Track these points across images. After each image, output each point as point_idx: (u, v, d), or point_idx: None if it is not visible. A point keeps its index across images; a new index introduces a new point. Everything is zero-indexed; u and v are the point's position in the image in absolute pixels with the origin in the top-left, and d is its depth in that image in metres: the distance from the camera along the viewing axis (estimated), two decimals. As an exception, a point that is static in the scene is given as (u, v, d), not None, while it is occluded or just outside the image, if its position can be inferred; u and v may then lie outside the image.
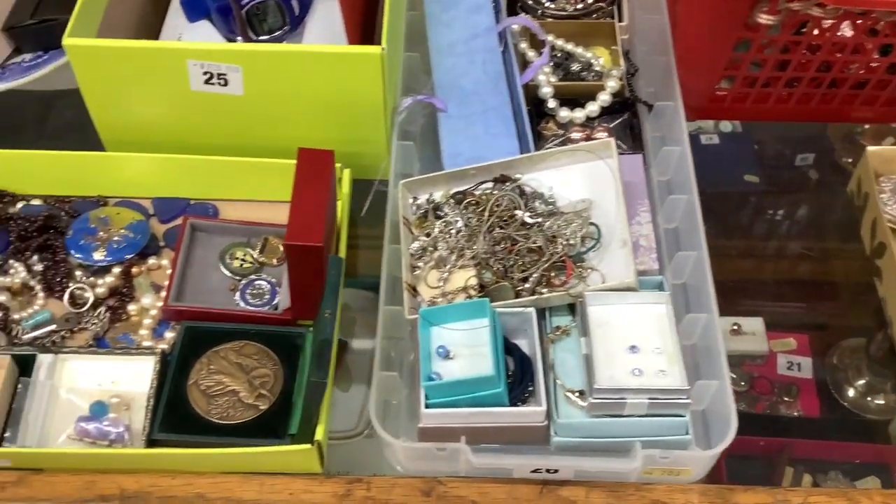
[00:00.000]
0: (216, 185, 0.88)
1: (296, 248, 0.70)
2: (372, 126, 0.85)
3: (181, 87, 0.81)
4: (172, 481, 0.70)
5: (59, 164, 0.85)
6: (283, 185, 0.86)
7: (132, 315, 0.80)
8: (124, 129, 0.86)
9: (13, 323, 0.77)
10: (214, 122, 0.85)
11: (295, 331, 0.78)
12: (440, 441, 0.70)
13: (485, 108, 0.88)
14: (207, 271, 0.83)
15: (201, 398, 0.74)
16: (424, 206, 0.82)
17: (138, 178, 0.87)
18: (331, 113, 0.83)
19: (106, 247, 0.81)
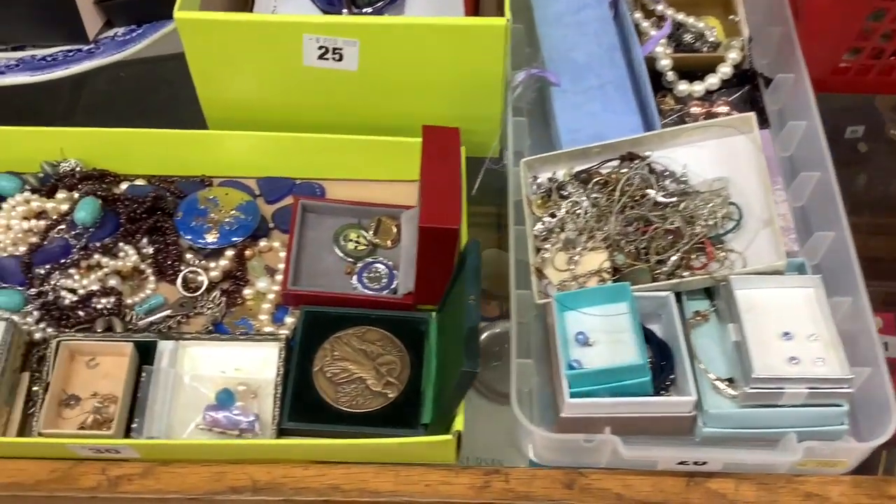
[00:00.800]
0: (322, 164, 0.85)
1: (432, 230, 0.67)
2: (488, 102, 0.81)
3: (293, 63, 0.78)
4: (305, 472, 0.68)
5: (162, 142, 0.82)
6: (392, 164, 0.84)
7: (247, 299, 0.77)
8: (230, 107, 0.82)
9: (126, 308, 0.76)
10: (324, 99, 0.81)
11: (417, 316, 0.75)
12: (579, 431, 0.67)
13: (601, 83, 0.84)
14: (321, 254, 0.80)
15: (328, 386, 0.72)
16: (546, 185, 0.79)
17: (243, 158, 0.84)
18: (446, 88, 0.80)
19: (218, 229, 0.78)
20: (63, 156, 0.83)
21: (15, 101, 0.93)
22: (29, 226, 0.77)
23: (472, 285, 0.65)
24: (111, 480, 0.68)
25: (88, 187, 0.79)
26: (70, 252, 0.75)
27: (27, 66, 0.85)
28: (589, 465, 0.69)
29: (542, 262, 0.75)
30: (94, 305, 0.74)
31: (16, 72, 0.84)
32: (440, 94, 0.81)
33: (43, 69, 0.85)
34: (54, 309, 0.73)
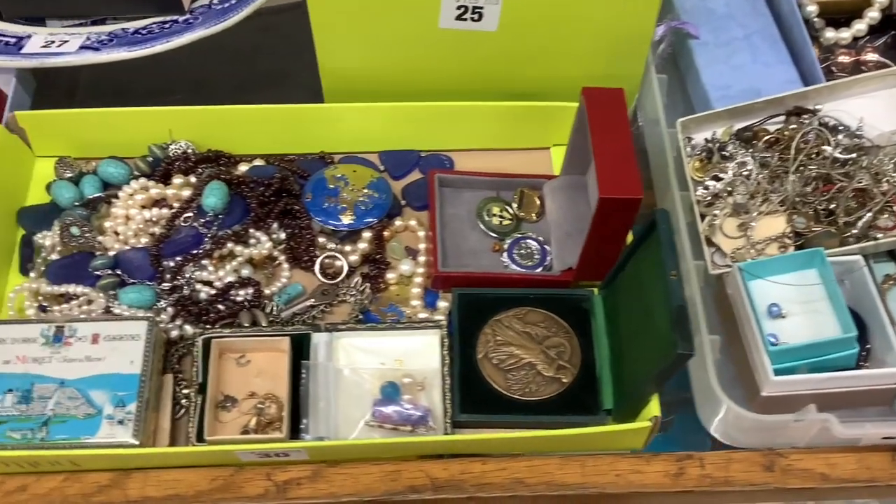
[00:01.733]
0: (449, 135, 0.79)
1: (613, 201, 0.62)
2: (633, 59, 0.75)
3: (427, 25, 0.71)
4: (484, 467, 0.64)
5: (278, 118, 0.76)
6: (523, 132, 0.78)
7: (390, 284, 0.72)
8: (351, 78, 0.76)
9: (265, 299, 0.70)
10: (455, 64, 0.75)
11: (579, 294, 0.70)
12: (780, 410, 0.63)
13: (746, 34, 0.79)
14: (463, 231, 0.74)
15: (496, 373, 0.67)
16: (702, 146, 0.74)
17: (364, 131, 0.78)
18: (589, 47, 0.74)
19: (353, 209, 0.73)
20: (172, 137, 0.77)
21: (98, 79, 0.87)
22: (151, 215, 0.71)
23: (670, 259, 0.60)
24: (279, 486, 0.63)
25: (208, 171, 0.73)
26: (202, 242, 0.69)
27: (122, 41, 0.78)
28: (781, 444, 0.65)
29: (711, 230, 0.71)
30: (232, 298, 0.68)
31: (111, 47, 0.77)
32: (581, 54, 0.75)
33: (140, 44, 0.77)
34: (191, 304, 0.67)
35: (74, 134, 0.76)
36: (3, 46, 0.78)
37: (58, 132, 0.76)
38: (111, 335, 0.63)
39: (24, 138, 0.76)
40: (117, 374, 0.62)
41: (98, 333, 0.63)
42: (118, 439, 0.60)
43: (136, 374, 0.62)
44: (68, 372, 0.62)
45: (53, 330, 0.63)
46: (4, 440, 0.60)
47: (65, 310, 0.67)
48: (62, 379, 0.61)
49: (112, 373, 0.62)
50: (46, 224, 0.73)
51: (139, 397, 0.61)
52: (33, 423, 0.60)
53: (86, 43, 0.78)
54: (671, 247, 0.60)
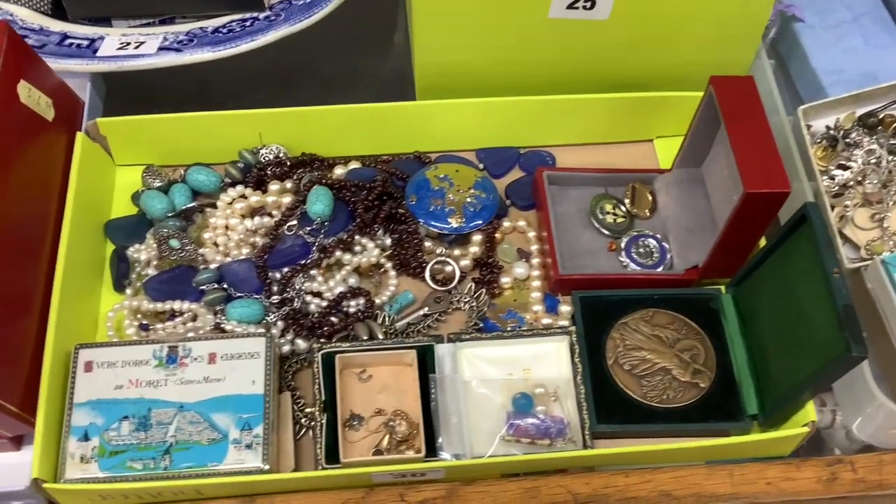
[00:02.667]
0: (548, 130, 0.75)
1: (759, 196, 0.58)
2: (745, 45, 0.72)
3: (536, 15, 0.68)
4: (627, 480, 0.60)
5: (372, 118, 0.72)
6: (626, 125, 0.74)
7: (505, 288, 0.68)
8: (447, 73, 0.72)
9: (377, 309, 0.66)
10: (559, 54, 0.71)
11: (706, 293, 0.66)
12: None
13: (855, 15, 0.76)
14: (576, 230, 0.71)
15: (629, 379, 0.63)
16: (823, 133, 0.71)
17: (461, 128, 0.74)
18: (701, 33, 0.70)
19: (461, 211, 0.69)
20: (262, 141, 0.74)
21: (163, 83, 0.82)
22: (252, 224, 0.67)
23: (829, 255, 0.57)
24: (417, 508, 0.60)
25: (307, 176, 0.69)
26: (309, 251, 0.66)
27: (203, 41, 0.74)
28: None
29: (842, 222, 0.68)
30: (344, 309, 0.65)
31: (193, 48, 0.73)
32: (692, 41, 0.71)
33: (223, 43, 0.73)
34: (301, 317, 0.64)
35: (157, 141, 0.72)
36: (75, 50, 0.74)
37: (140, 139, 0.72)
38: (229, 354, 0.59)
39: (105, 147, 0.72)
40: (239, 395, 0.58)
41: (214, 352, 0.59)
42: (247, 465, 0.56)
43: (259, 394, 0.58)
44: (187, 395, 0.58)
45: (166, 350, 0.59)
46: (125, 471, 0.56)
47: (168, 328, 0.64)
48: (181, 402, 0.58)
49: (234, 394, 0.58)
50: (137, 237, 0.69)
51: (265, 419, 0.57)
52: (154, 452, 0.56)
53: (165, 44, 0.74)
54: (828, 242, 0.57)
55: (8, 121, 0.62)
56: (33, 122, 0.66)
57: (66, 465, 0.56)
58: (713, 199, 0.69)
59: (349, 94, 0.82)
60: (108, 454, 0.56)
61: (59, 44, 0.74)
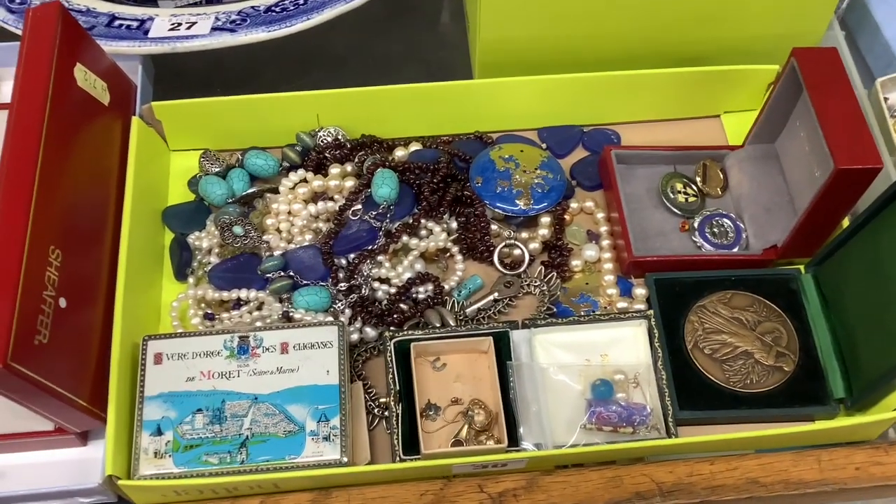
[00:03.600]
0: (610, 107, 0.73)
1: (851, 172, 0.56)
2: (816, 17, 0.69)
3: (606, -13, 0.66)
4: (713, 467, 0.58)
5: (432, 98, 0.70)
6: (693, 100, 0.72)
7: (576, 272, 0.67)
8: (508, 49, 0.70)
9: (445, 294, 0.65)
10: (624, 29, 0.69)
11: (785, 273, 0.64)
12: None
13: (930, -18, 0.74)
14: (646, 210, 0.69)
15: (711, 364, 0.62)
16: (900, 107, 0.69)
17: (521, 107, 0.72)
18: (772, 3, 0.68)
19: (529, 193, 0.67)
20: (319, 124, 0.72)
21: (205, 65, 0.79)
22: (316, 210, 0.66)
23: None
24: (494, 499, 0.57)
25: (370, 159, 0.68)
26: (376, 236, 0.64)
27: (257, 21, 0.72)
28: None
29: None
30: (414, 296, 0.64)
31: (247, 28, 0.71)
32: (763, 13, 0.68)
33: (277, 22, 0.71)
34: (371, 304, 0.62)
35: (212, 125, 0.70)
36: (126, 31, 0.72)
37: (195, 124, 0.70)
38: (301, 343, 0.58)
39: (160, 131, 0.71)
40: (314, 385, 0.56)
41: (286, 342, 0.58)
42: (326, 457, 0.54)
43: (334, 384, 0.56)
44: (260, 386, 0.56)
45: (237, 340, 0.58)
46: (201, 465, 0.54)
47: (234, 317, 0.62)
48: (255, 394, 0.56)
49: (309, 384, 0.56)
50: (196, 224, 0.67)
51: (341, 410, 0.56)
52: (230, 446, 0.55)
53: (217, 24, 0.72)
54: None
55: (67, 106, 0.60)
56: (90, 106, 0.64)
57: (140, 461, 0.55)
58: (790, 177, 0.66)
59: (399, 75, 0.80)
60: (182, 448, 0.55)
61: (109, 25, 0.72)
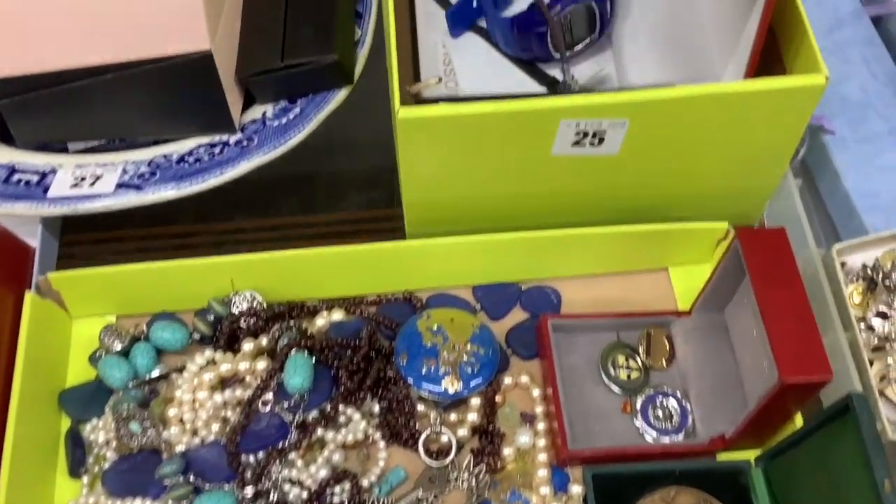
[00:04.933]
0: (552, 263, 0.68)
1: (798, 386, 0.52)
2: (771, 170, 0.65)
3: (536, 153, 0.60)
4: None
5: (359, 261, 0.64)
6: (642, 253, 0.67)
7: (507, 462, 0.61)
8: (438, 207, 0.65)
9: (364, 492, 0.60)
10: (563, 187, 0.64)
11: (734, 466, 0.59)
12: None
13: (891, 127, 0.68)
14: (584, 386, 0.63)
15: (652, 576, 0.57)
16: (859, 271, 0.64)
17: (456, 265, 0.67)
18: (722, 163, 0.63)
19: (457, 372, 0.62)
20: (234, 288, 0.67)
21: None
22: (223, 398, 0.60)
23: (879, 461, 0.50)
24: None
25: (285, 336, 0.62)
26: (288, 431, 0.58)
27: (167, 175, 0.66)
28: None
29: (883, 383, 0.61)
30: (329, 500, 0.58)
31: (155, 184, 0.65)
32: (713, 171, 0.64)
33: (189, 177, 0.66)
34: (282, 511, 0.57)
35: (118, 291, 0.65)
36: (24, 189, 0.66)
37: (98, 291, 0.65)
38: (197, 570, 0.53)
39: (59, 301, 0.65)
40: None
41: (181, 570, 0.53)
42: None
43: None
44: None
45: (126, 569, 0.53)
46: None
47: (132, 526, 0.57)
48: None
49: None
50: (96, 407, 0.61)
51: None
52: None
53: (124, 179, 0.66)
54: (876, 445, 0.50)
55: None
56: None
57: None
58: (740, 356, 0.61)
59: (337, 206, 0.75)
60: None
61: (6, 181, 0.66)
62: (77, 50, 0.62)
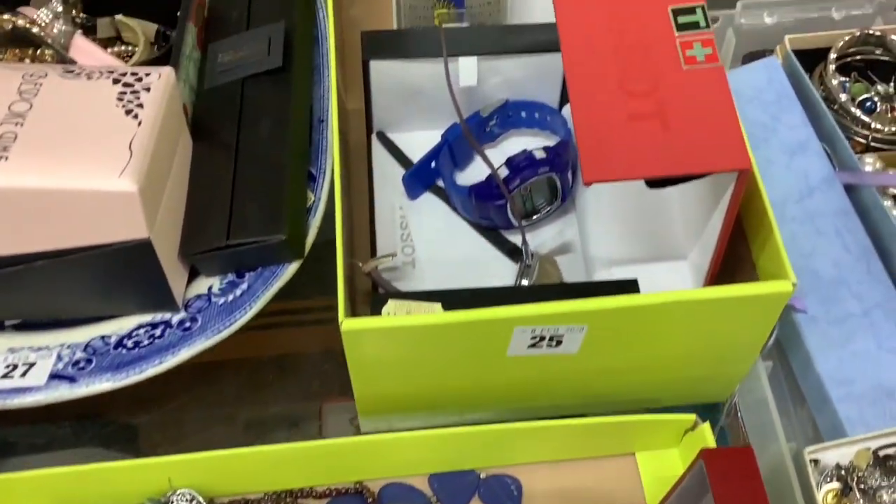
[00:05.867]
0: (512, 451, 0.65)
1: None
2: (737, 362, 0.62)
3: (490, 355, 0.57)
4: None
5: (304, 457, 0.61)
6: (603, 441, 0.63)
7: None
8: (391, 400, 0.62)
9: None
10: (521, 382, 0.62)
11: None
12: None
13: (865, 308, 0.65)
14: None
15: None
16: (832, 470, 0.61)
17: (412, 457, 0.64)
18: (688, 357, 0.61)
19: (409, 586, 0.59)
20: (171, 486, 0.63)
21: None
22: None
23: None
24: None
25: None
26: None
27: (103, 363, 0.61)
28: None
29: None
30: None
31: (90, 375, 0.61)
32: (679, 361, 0.61)
33: (126, 367, 0.61)
34: None
35: (50, 496, 0.61)
36: (-50, 377, 0.64)
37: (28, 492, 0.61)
38: None
39: (-16, 503, 0.62)
40: None
41: None
42: None
43: None
44: None
45: None
46: None
47: None
48: None
49: None
50: None
51: None
52: None
53: (57, 367, 0.63)
54: None
55: None
56: None
57: None
58: (708, 568, 0.58)
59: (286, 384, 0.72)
60: None
61: (-70, 372, 0.64)
62: (8, 241, 0.59)
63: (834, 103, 0.77)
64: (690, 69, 0.53)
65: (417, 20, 0.76)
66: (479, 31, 0.72)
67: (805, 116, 0.73)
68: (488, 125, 0.74)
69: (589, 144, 0.50)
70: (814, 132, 0.72)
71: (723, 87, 0.52)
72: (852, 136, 0.76)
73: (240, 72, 0.72)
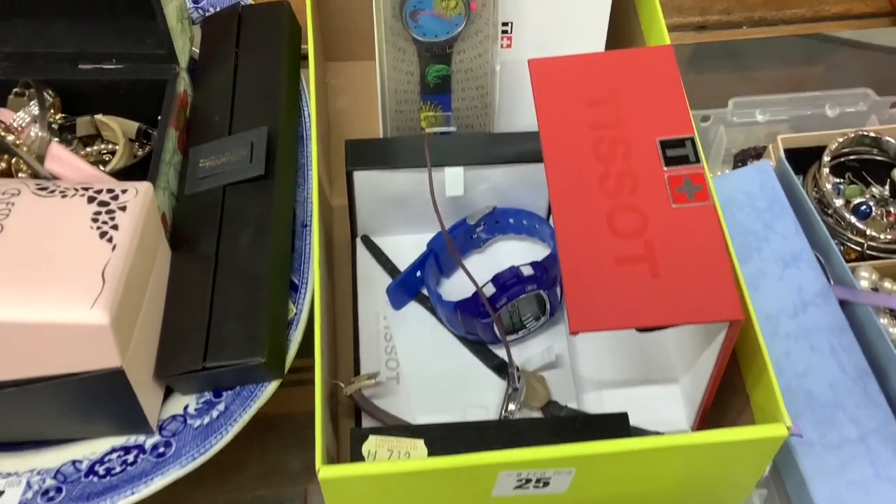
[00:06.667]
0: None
1: None
2: (731, 496, 0.60)
3: (477, 497, 0.55)
4: None
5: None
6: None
7: None
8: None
9: None
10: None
11: None
12: None
13: (861, 433, 0.63)
14: None
15: None
16: None
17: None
18: (679, 492, 0.58)
19: None
20: None
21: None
22: None
23: None
24: None
25: None
26: None
27: (74, 494, 0.58)
28: None
29: None
30: None
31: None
32: (671, 496, 0.59)
33: (97, 498, 0.59)
34: None
35: None
36: (-86, 508, 0.61)
37: None
38: None
39: None
40: None
41: None
42: None
43: None
44: None
45: None
46: None
47: None
48: None
49: None
50: None
51: None
52: None
53: (26, 496, 0.60)
54: None
55: None
56: None
57: None
58: None
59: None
60: None
61: None
62: (-25, 371, 0.58)
63: (828, 207, 0.76)
64: (680, 207, 0.51)
65: (404, 122, 0.75)
66: (465, 140, 0.71)
67: (798, 225, 0.72)
68: (475, 231, 0.72)
69: (576, 292, 0.48)
70: (807, 242, 0.71)
71: (714, 228, 0.50)
72: (846, 243, 0.75)
73: (221, 179, 0.70)
